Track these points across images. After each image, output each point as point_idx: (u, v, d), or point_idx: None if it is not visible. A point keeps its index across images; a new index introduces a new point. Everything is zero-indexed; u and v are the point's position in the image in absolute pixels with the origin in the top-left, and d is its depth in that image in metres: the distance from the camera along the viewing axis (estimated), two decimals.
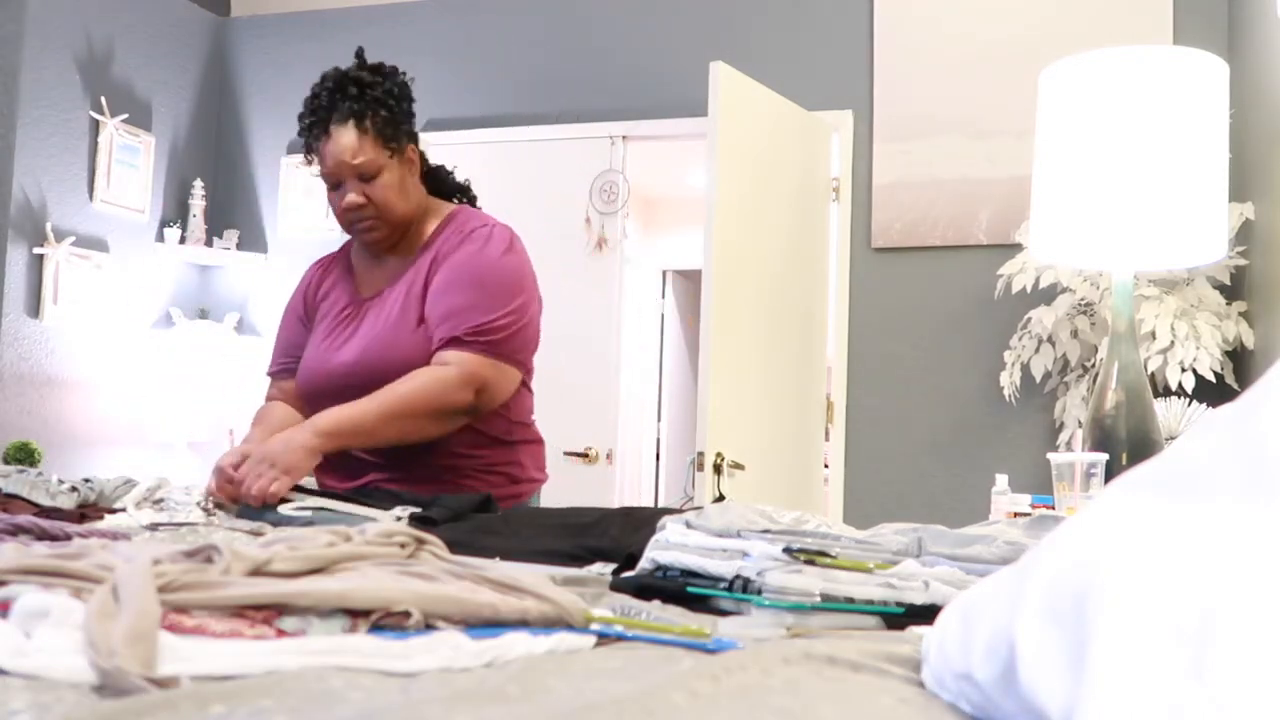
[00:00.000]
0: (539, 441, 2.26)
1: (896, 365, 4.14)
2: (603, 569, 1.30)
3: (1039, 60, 2.47)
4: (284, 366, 2.26)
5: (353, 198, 2.03)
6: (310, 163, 2.11)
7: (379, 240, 2.10)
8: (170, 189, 4.92)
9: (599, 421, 4.42)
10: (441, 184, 2.24)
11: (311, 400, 2.13)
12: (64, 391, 4.39)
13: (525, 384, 2.17)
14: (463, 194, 2.29)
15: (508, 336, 2.03)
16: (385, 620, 0.76)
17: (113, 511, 1.74)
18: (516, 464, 2.19)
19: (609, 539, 1.45)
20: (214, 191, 5.08)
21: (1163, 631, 0.45)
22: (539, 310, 2.15)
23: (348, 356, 2.08)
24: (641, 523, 1.45)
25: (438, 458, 2.06)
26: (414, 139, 2.11)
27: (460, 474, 2.09)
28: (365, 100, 2.02)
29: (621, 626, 0.86)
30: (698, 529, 1.12)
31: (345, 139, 2.00)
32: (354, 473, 2.09)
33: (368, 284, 2.17)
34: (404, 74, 2.11)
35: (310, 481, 2.04)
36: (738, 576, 1.01)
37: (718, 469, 3.53)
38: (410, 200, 2.10)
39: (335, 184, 2.05)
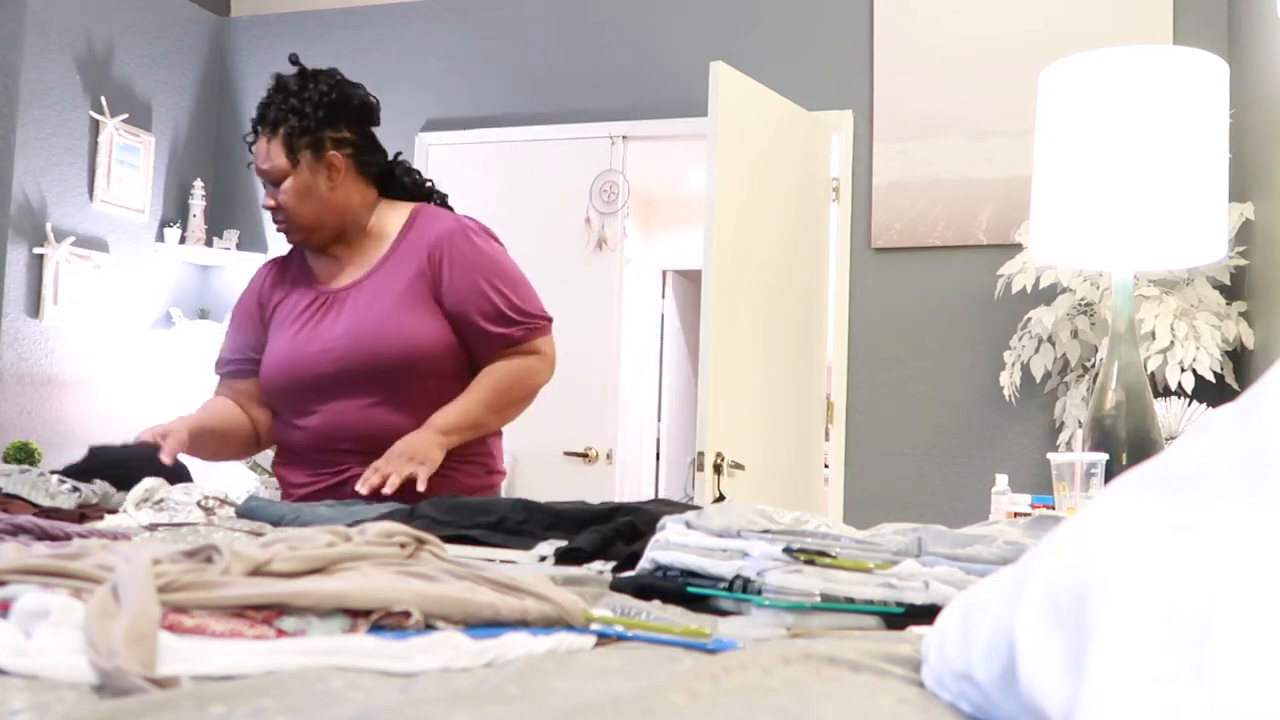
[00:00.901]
0: (500, 434, 2.30)
1: (896, 365, 4.14)
2: (603, 568, 1.30)
3: (1039, 60, 2.47)
4: (237, 368, 2.27)
5: (266, 200, 2.17)
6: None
7: (294, 241, 2.21)
8: (170, 189, 4.92)
9: (599, 421, 4.43)
10: (399, 183, 2.27)
11: (286, 392, 2.15)
12: (64, 391, 4.39)
13: None
14: (427, 197, 2.31)
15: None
16: (385, 620, 0.76)
17: (113, 511, 1.74)
18: (489, 454, 2.25)
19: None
20: (214, 191, 5.08)
21: (1162, 632, 0.45)
22: None
23: (336, 343, 2.10)
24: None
25: None
26: (342, 145, 2.14)
27: (442, 464, 2.09)
28: (281, 110, 2.11)
29: (621, 626, 0.86)
30: (698, 529, 1.12)
31: (260, 145, 2.14)
32: (331, 466, 2.11)
33: (333, 277, 2.21)
34: (347, 83, 2.16)
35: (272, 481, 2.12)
36: (738, 576, 1.01)
37: (718, 469, 3.53)
38: (328, 205, 2.15)
39: (265, 186, 2.18)
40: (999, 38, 4.06)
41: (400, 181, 2.28)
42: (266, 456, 4.37)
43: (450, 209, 2.31)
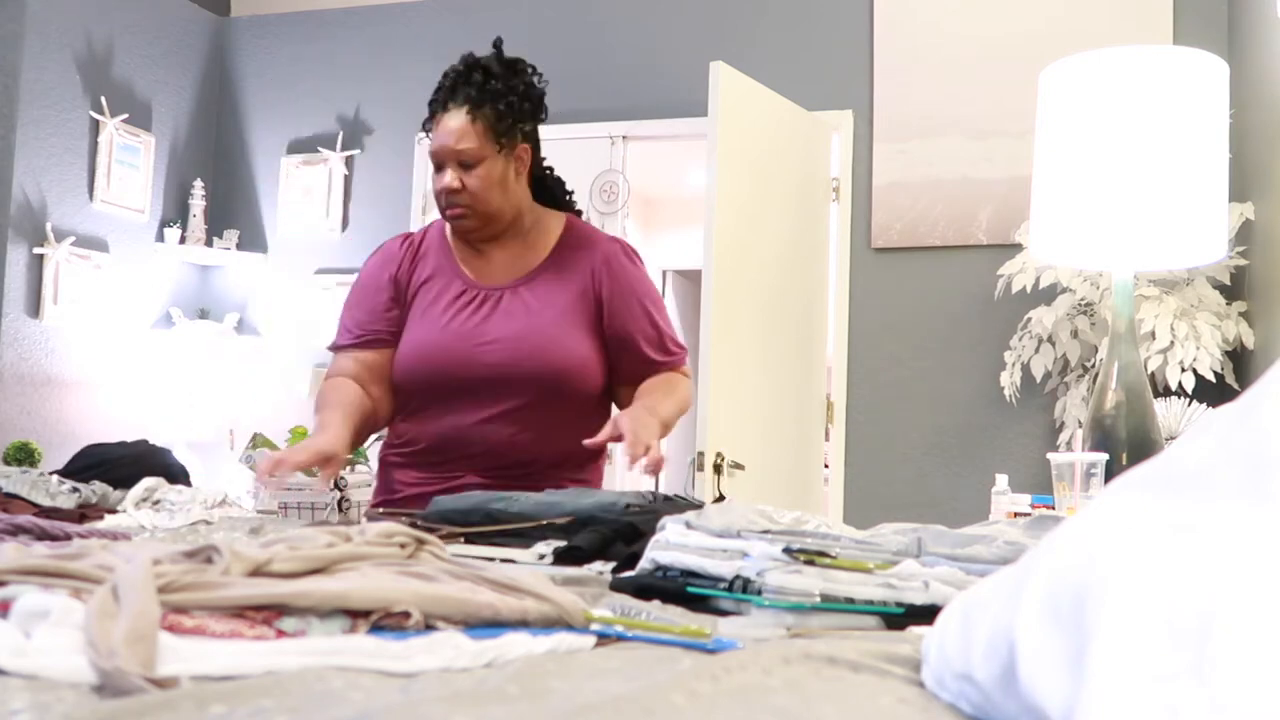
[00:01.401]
0: None
1: (896, 365, 4.14)
2: (603, 569, 1.30)
3: (1039, 60, 2.47)
4: (365, 339, 2.14)
5: (449, 181, 2.05)
6: (428, 135, 2.12)
7: (467, 229, 2.11)
8: (170, 189, 4.92)
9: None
10: (549, 191, 2.24)
11: (427, 383, 2.07)
12: (64, 391, 4.39)
13: None
14: (569, 208, 2.28)
15: None
16: (385, 620, 0.76)
17: (113, 511, 1.74)
18: (597, 469, 2.21)
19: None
20: (214, 191, 5.08)
21: (1162, 632, 0.45)
22: None
23: (496, 344, 2.05)
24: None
25: (562, 457, 2.06)
26: (530, 139, 2.12)
27: (560, 474, 2.06)
28: (484, 90, 2.04)
29: (621, 626, 0.86)
30: (698, 529, 1.12)
31: (454, 123, 2.03)
32: (445, 470, 2.06)
33: (484, 273, 2.14)
34: (539, 75, 2.13)
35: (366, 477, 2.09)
36: (738, 577, 1.01)
37: (718, 469, 3.53)
38: (510, 198, 2.10)
39: (439, 164, 2.07)
40: (999, 38, 4.06)
41: (548, 189, 2.24)
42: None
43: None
